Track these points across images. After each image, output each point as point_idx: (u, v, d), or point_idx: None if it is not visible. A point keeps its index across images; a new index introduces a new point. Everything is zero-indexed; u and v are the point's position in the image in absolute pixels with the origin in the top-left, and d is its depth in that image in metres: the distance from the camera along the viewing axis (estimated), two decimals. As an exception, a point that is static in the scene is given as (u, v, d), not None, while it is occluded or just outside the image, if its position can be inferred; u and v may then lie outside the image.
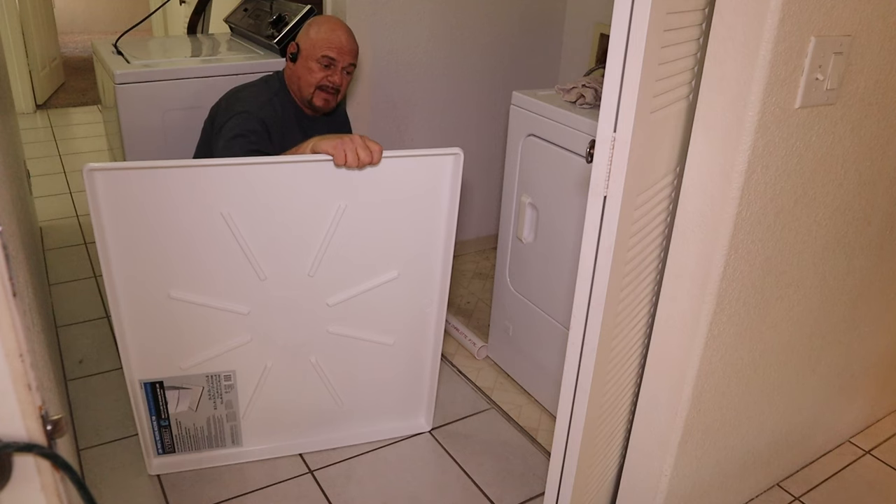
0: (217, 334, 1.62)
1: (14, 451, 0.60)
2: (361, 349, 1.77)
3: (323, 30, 1.87)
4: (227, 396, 1.70)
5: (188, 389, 1.66)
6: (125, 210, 1.44)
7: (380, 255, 1.65)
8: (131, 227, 1.46)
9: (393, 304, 1.73)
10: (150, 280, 1.52)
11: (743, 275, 1.30)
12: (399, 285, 1.71)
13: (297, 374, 1.74)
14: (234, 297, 1.59)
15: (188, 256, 1.52)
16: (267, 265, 1.57)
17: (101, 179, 1.40)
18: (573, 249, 1.78)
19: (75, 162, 3.84)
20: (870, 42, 1.24)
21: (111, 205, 1.43)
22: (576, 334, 1.23)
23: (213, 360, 1.65)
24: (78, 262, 2.75)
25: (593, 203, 1.14)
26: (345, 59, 1.88)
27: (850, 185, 1.40)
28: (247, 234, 1.53)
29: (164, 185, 1.45)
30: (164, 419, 1.68)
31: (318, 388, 1.78)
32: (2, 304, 0.57)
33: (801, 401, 1.71)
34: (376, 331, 1.76)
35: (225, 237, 1.52)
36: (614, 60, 1.05)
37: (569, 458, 1.31)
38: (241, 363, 1.67)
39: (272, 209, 1.52)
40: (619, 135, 1.08)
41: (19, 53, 4.38)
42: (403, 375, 1.85)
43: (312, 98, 1.89)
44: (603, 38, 2.60)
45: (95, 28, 7.57)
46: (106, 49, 2.27)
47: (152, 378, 1.63)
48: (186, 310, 1.57)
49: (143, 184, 1.44)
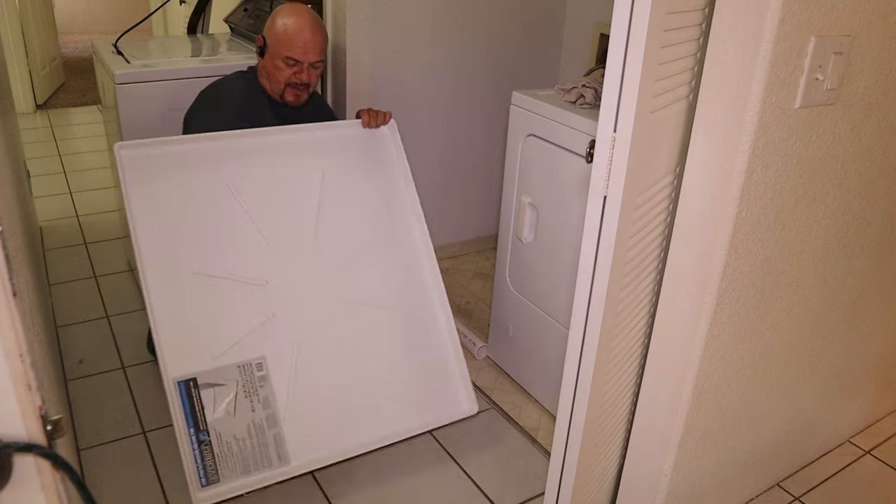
0: (241, 311, 1.62)
1: (14, 451, 0.60)
2: (379, 323, 1.75)
3: (288, 27, 1.81)
4: (263, 392, 1.62)
5: (223, 386, 1.60)
6: (148, 186, 1.59)
7: (364, 222, 1.81)
8: (154, 203, 1.59)
9: (387, 272, 1.80)
10: (174, 258, 1.57)
11: (743, 275, 1.30)
12: (383, 250, 1.82)
13: (329, 359, 1.69)
14: (251, 268, 1.64)
15: (205, 231, 1.62)
16: (275, 232, 1.67)
17: (126, 156, 1.58)
18: (573, 249, 1.78)
19: (75, 162, 3.84)
20: (870, 42, 1.24)
21: (135, 181, 1.59)
22: (576, 334, 1.23)
23: (242, 344, 1.61)
24: (78, 262, 2.75)
25: (593, 203, 1.14)
26: (310, 57, 1.84)
27: (850, 185, 1.40)
28: (252, 204, 1.66)
29: (179, 161, 1.63)
30: (203, 431, 1.56)
31: (352, 374, 1.71)
32: (2, 304, 0.57)
33: (801, 401, 1.71)
34: (383, 299, 1.77)
35: (234, 209, 1.65)
36: (614, 60, 1.05)
37: (569, 458, 1.31)
38: (270, 346, 1.64)
39: (269, 179, 1.70)
40: (619, 135, 1.08)
41: (19, 53, 4.38)
42: (427, 353, 1.81)
43: (283, 93, 1.88)
44: (603, 38, 2.60)
45: (95, 28, 7.56)
46: (106, 49, 2.27)
47: (186, 374, 1.56)
48: (209, 287, 1.60)
49: (162, 160, 1.62)
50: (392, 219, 1.86)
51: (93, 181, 3.56)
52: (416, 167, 2.71)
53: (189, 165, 1.65)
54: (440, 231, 2.91)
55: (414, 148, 2.67)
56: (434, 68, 2.58)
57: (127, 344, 2.25)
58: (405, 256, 1.85)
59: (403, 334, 1.80)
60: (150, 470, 1.76)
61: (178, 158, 1.65)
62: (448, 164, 2.79)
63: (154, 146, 1.64)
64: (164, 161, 1.64)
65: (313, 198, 1.75)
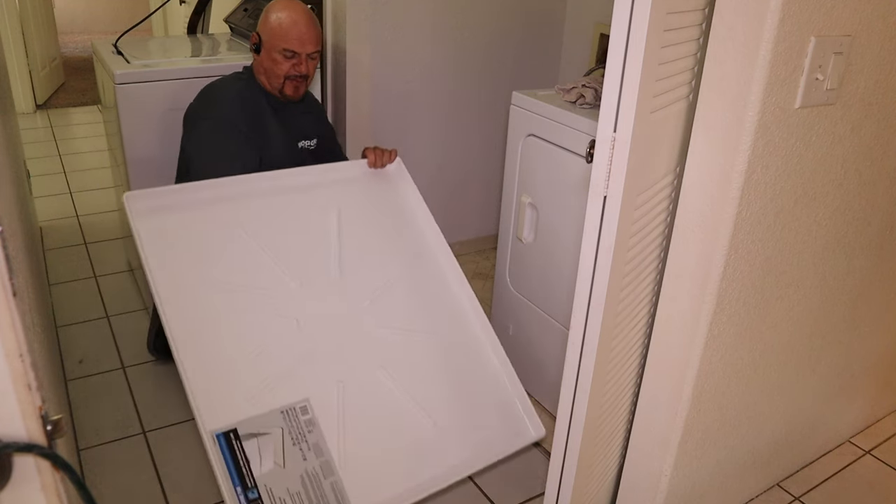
0: (274, 351, 1.50)
1: (14, 451, 0.60)
2: (424, 350, 1.66)
3: (282, 20, 1.81)
4: (312, 438, 1.45)
5: (267, 435, 1.42)
6: (162, 236, 1.53)
7: (386, 254, 1.75)
8: (170, 252, 1.52)
9: (420, 299, 1.73)
10: (197, 305, 1.48)
11: (743, 275, 1.30)
12: (411, 280, 1.75)
13: (375, 396, 1.56)
14: (280, 308, 1.56)
15: (227, 276, 1.54)
16: (300, 272, 1.61)
17: (136, 208, 1.53)
18: (573, 249, 1.78)
19: (75, 162, 3.84)
20: (870, 42, 1.24)
21: (148, 231, 1.53)
22: (576, 334, 1.23)
23: (282, 386, 1.47)
24: (78, 262, 2.75)
25: (593, 203, 1.14)
26: (307, 48, 1.84)
27: (850, 185, 1.40)
28: (272, 246, 1.61)
29: (191, 209, 1.59)
30: (252, 488, 1.37)
31: (404, 408, 1.58)
32: (2, 304, 0.57)
33: (801, 401, 1.71)
34: (421, 323, 1.69)
35: (253, 251, 1.60)
36: (614, 60, 1.05)
37: (569, 458, 1.31)
38: (312, 387, 1.50)
39: (284, 222, 1.66)
40: (619, 135, 1.08)
41: (19, 53, 4.38)
42: (479, 378, 1.70)
43: (283, 88, 1.87)
44: (603, 38, 2.60)
45: (95, 28, 7.56)
46: (106, 49, 2.27)
47: (225, 426, 1.40)
48: (238, 330, 1.50)
49: (174, 209, 1.57)
50: (414, 248, 1.81)
51: (93, 181, 3.56)
52: (416, 167, 2.72)
53: (202, 212, 1.60)
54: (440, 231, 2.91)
55: (414, 148, 2.67)
56: (434, 68, 2.58)
57: (127, 344, 2.25)
58: (435, 283, 1.78)
59: (451, 361, 1.69)
60: (150, 470, 1.76)
61: (190, 206, 1.60)
62: (448, 165, 2.79)
63: (164, 196, 1.59)
64: (175, 211, 1.58)
65: (332, 236, 1.71)
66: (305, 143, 2.02)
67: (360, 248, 1.72)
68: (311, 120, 2.05)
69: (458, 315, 1.76)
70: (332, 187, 1.79)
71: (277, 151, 1.92)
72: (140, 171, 2.13)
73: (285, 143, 1.95)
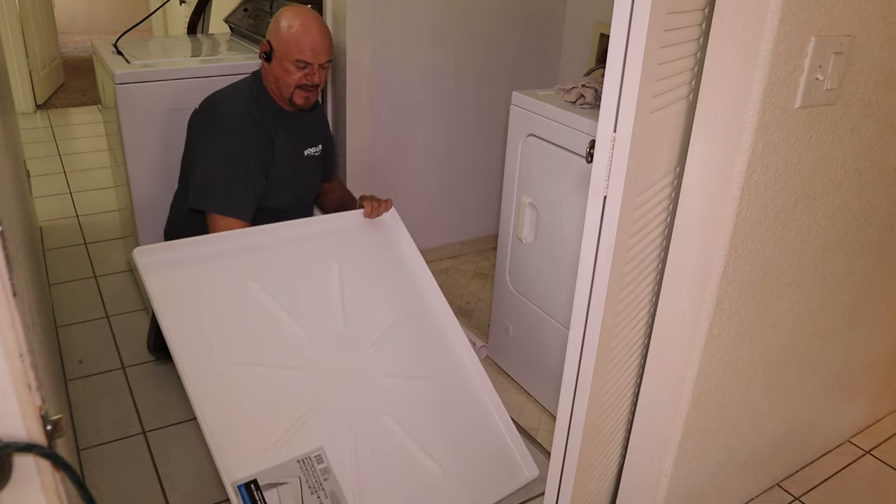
0: (286, 400, 1.56)
1: (14, 451, 0.60)
2: (421, 398, 1.72)
3: (295, 29, 1.78)
4: (328, 486, 1.51)
5: (286, 484, 1.48)
6: (173, 291, 1.57)
7: (386, 302, 1.83)
8: (180, 306, 1.56)
9: (416, 346, 1.80)
10: (210, 357, 1.53)
11: (743, 275, 1.30)
12: (410, 326, 1.82)
13: (385, 443, 1.62)
14: (288, 357, 1.61)
15: (237, 327, 1.59)
16: (306, 322, 1.67)
17: (145, 263, 1.58)
18: (573, 249, 1.78)
19: (75, 162, 3.84)
20: (870, 42, 1.24)
21: (158, 286, 1.56)
22: (576, 334, 1.23)
23: (295, 435, 1.52)
24: (78, 262, 2.75)
25: (593, 203, 1.14)
26: (320, 58, 1.81)
27: (850, 185, 1.40)
28: (278, 297, 1.67)
29: (198, 262, 1.64)
30: None
31: (411, 454, 1.64)
32: (2, 304, 0.57)
33: (801, 401, 1.71)
34: (417, 371, 1.76)
35: (261, 302, 1.65)
36: (614, 60, 1.05)
37: (569, 458, 1.31)
38: (325, 435, 1.55)
39: (289, 273, 1.72)
40: (619, 135, 1.08)
41: (19, 53, 4.38)
42: (475, 421, 1.77)
43: (293, 97, 1.85)
44: (603, 38, 2.60)
45: (95, 28, 7.57)
46: (106, 49, 2.27)
47: (246, 476, 1.45)
48: (251, 379, 1.55)
49: (183, 264, 1.62)
50: (410, 294, 1.89)
51: (93, 181, 3.56)
52: (416, 168, 2.73)
53: (211, 265, 1.66)
54: (440, 231, 2.91)
55: (414, 148, 2.68)
56: (434, 68, 2.58)
57: (127, 344, 2.25)
58: (430, 328, 1.86)
59: (449, 405, 1.76)
60: (150, 470, 1.76)
61: (198, 259, 1.65)
62: (448, 164, 2.79)
63: (172, 250, 1.64)
64: (185, 264, 1.63)
65: (335, 287, 1.77)
66: (311, 151, 2.01)
67: (361, 297, 1.79)
68: (316, 126, 2.05)
69: (452, 359, 1.83)
70: (333, 237, 1.86)
71: (284, 162, 1.91)
72: (140, 171, 2.13)
73: (292, 152, 1.94)
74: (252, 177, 1.81)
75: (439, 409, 1.73)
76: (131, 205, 2.18)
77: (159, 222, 2.14)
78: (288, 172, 1.92)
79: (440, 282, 1.93)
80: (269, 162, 1.86)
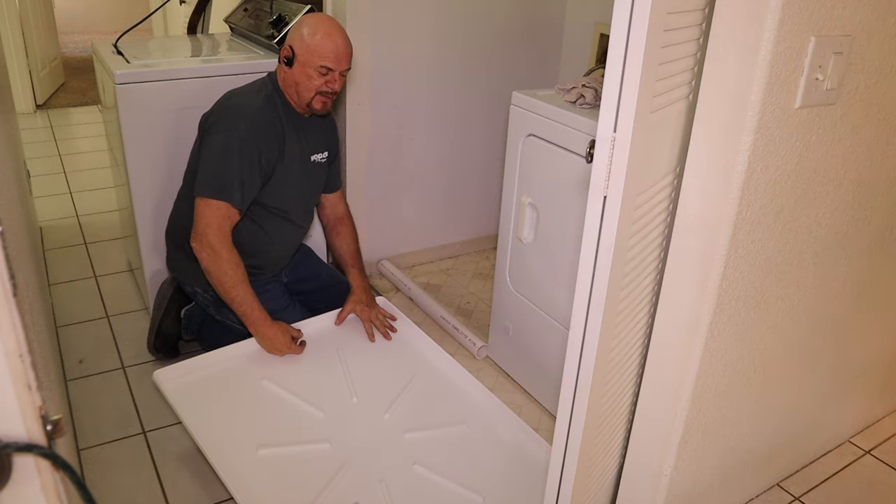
0: (316, 469, 1.63)
1: (14, 451, 0.60)
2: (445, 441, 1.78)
3: (319, 36, 1.80)
4: None
5: None
6: (194, 398, 1.73)
7: (390, 371, 1.96)
8: (204, 411, 1.70)
9: (429, 399, 1.91)
10: (241, 447, 1.63)
11: (743, 275, 1.30)
12: (418, 386, 1.93)
13: (419, 488, 1.65)
14: (312, 436, 1.71)
15: (259, 417, 1.72)
16: (321, 404, 1.79)
17: (164, 379, 1.75)
18: (573, 249, 1.78)
19: (75, 162, 3.84)
20: (870, 42, 1.24)
21: (182, 399, 1.71)
22: (576, 334, 1.22)
23: (328, 496, 1.57)
24: (78, 262, 2.76)
25: (593, 203, 1.14)
26: (342, 65, 1.84)
27: (850, 185, 1.40)
28: (291, 389, 1.81)
29: (215, 367, 1.84)
30: None
31: (450, 492, 1.66)
32: (2, 304, 0.57)
33: (801, 401, 1.71)
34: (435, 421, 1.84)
35: (277, 393, 1.80)
36: (614, 60, 1.05)
37: (569, 458, 1.31)
38: (357, 492, 1.60)
39: (295, 367, 1.89)
40: (619, 135, 1.08)
41: (19, 53, 4.38)
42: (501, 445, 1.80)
43: (312, 102, 1.87)
44: (603, 38, 2.60)
45: (95, 28, 7.57)
46: (106, 49, 2.27)
47: None
48: (281, 459, 1.64)
49: (198, 371, 1.81)
50: (412, 358, 2.01)
51: (93, 181, 3.56)
52: (416, 168, 2.73)
53: (226, 370, 1.84)
54: (440, 231, 2.91)
55: (414, 148, 2.68)
56: (434, 68, 2.58)
57: (127, 344, 2.25)
58: (439, 381, 1.95)
59: (473, 438, 1.81)
60: (150, 470, 1.76)
61: (214, 368, 1.84)
62: (448, 164, 2.79)
63: (189, 366, 1.81)
64: (203, 375, 1.81)
65: (338, 367, 1.92)
66: (318, 157, 2.03)
67: (366, 372, 1.92)
68: (325, 133, 2.06)
69: (466, 400, 1.91)
70: (327, 331, 2.05)
71: (293, 166, 1.93)
72: (140, 171, 2.13)
73: (301, 158, 1.96)
74: (252, 168, 1.82)
75: (466, 445, 1.78)
76: (131, 205, 2.18)
77: (159, 222, 2.14)
78: (295, 173, 1.94)
79: (440, 282, 1.94)
80: (276, 159, 1.87)
